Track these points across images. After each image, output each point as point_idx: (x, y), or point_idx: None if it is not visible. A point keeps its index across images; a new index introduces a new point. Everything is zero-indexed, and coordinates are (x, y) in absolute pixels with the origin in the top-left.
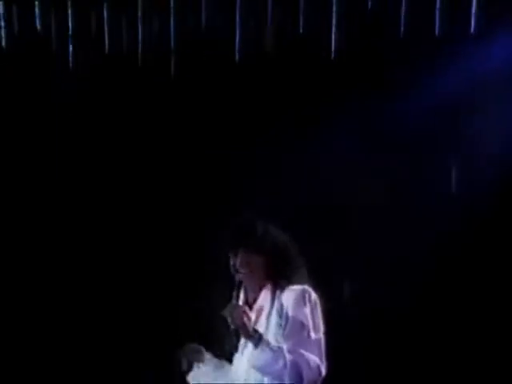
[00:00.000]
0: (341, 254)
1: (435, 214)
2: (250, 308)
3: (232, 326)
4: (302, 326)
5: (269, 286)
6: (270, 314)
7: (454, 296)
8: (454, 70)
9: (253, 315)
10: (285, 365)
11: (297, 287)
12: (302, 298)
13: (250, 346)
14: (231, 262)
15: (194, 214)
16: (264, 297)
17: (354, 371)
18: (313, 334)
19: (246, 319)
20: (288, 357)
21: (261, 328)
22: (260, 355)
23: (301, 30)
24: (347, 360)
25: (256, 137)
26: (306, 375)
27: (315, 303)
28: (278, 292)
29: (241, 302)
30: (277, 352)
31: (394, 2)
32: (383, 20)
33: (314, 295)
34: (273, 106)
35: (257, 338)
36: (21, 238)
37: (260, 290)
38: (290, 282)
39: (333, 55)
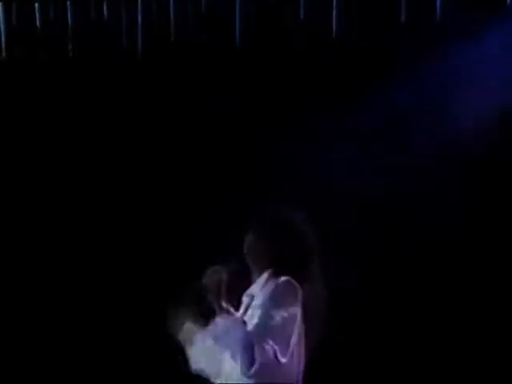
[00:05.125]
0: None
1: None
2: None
3: (203, 285)
4: (274, 312)
5: (267, 273)
6: (253, 297)
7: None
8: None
9: (245, 299)
10: (239, 339)
11: (286, 278)
12: (284, 289)
13: None
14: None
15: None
16: (258, 282)
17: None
18: (280, 323)
19: (217, 283)
20: (245, 331)
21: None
22: (219, 323)
23: (301, 16)
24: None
25: (257, 124)
26: (259, 355)
27: (297, 299)
28: (271, 280)
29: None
30: (236, 323)
31: None
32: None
33: (299, 291)
34: (273, 93)
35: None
36: (20, 238)
37: (261, 274)
38: (293, 273)
39: (333, 41)
